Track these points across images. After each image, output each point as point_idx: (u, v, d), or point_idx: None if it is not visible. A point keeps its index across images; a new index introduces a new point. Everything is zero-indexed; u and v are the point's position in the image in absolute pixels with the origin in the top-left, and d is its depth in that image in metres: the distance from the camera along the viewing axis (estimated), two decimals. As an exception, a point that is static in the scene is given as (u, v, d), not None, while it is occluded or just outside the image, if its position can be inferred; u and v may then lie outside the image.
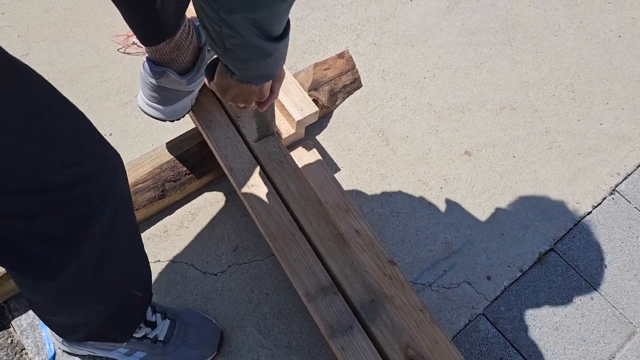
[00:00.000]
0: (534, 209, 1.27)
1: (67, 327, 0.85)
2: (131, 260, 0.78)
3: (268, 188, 1.01)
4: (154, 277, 1.10)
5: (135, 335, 0.90)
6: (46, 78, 0.56)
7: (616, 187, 1.34)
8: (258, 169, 1.03)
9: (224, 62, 0.68)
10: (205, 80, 0.77)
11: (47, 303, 0.75)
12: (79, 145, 0.60)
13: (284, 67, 1.19)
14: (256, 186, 1.01)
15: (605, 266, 1.21)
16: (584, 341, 1.11)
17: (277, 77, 0.81)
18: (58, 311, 0.77)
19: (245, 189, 1.00)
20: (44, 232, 0.60)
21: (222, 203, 1.21)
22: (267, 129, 1.04)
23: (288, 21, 0.63)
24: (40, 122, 0.54)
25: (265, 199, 1.00)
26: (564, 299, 1.16)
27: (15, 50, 1.39)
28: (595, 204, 1.30)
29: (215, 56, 0.76)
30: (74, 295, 0.71)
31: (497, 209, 1.27)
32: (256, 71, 0.67)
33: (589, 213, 1.29)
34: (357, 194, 1.26)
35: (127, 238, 0.74)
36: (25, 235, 0.60)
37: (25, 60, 1.34)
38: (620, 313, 1.15)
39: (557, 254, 1.22)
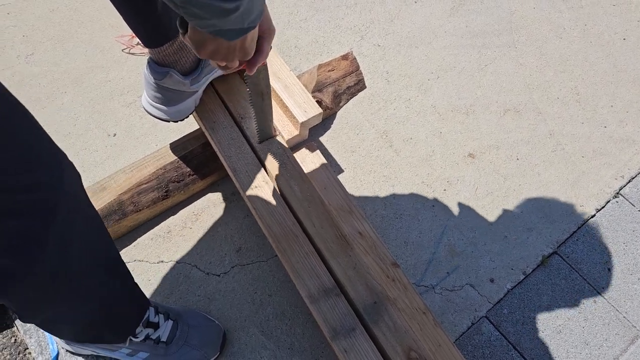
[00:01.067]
0: (537, 212, 1.27)
1: (55, 329, 0.84)
2: (98, 266, 0.75)
3: (271, 189, 1.01)
4: (157, 278, 1.10)
5: (137, 337, 0.90)
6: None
7: (620, 190, 1.33)
8: (261, 170, 1.03)
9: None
10: (180, 35, 0.66)
11: (20, 309, 0.73)
12: (32, 152, 0.58)
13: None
14: (259, 187, 1.01)
15: (609, 269, 1.21)
16: (587, 345, 1.10)
17: (265, 35, 0.68)
18: (33, 315, 0.75)
19: (248, 190, 1.01)
20: None
21: (225, 204, 1.21)
22: (265, 124, 1.02)
23: None
24: None
25: (269, 200, 1.00)
26: (567, 302, 1.15)
27: (20, 50, 1.39)
28: (599, 207, 1.30)
29: None
30: (41, 300, 0.70)
31: (501, 212, 1.26)
32: (222, 27, 0.55)
33: (593, 216, 1.28)
34: (360, 195, 1.26)
35: (88, 244, 0.71)
36: None
37: (30, 60, 1.35)
38: (624, 317, 1.14)
39: (561, 257, 1.21)
